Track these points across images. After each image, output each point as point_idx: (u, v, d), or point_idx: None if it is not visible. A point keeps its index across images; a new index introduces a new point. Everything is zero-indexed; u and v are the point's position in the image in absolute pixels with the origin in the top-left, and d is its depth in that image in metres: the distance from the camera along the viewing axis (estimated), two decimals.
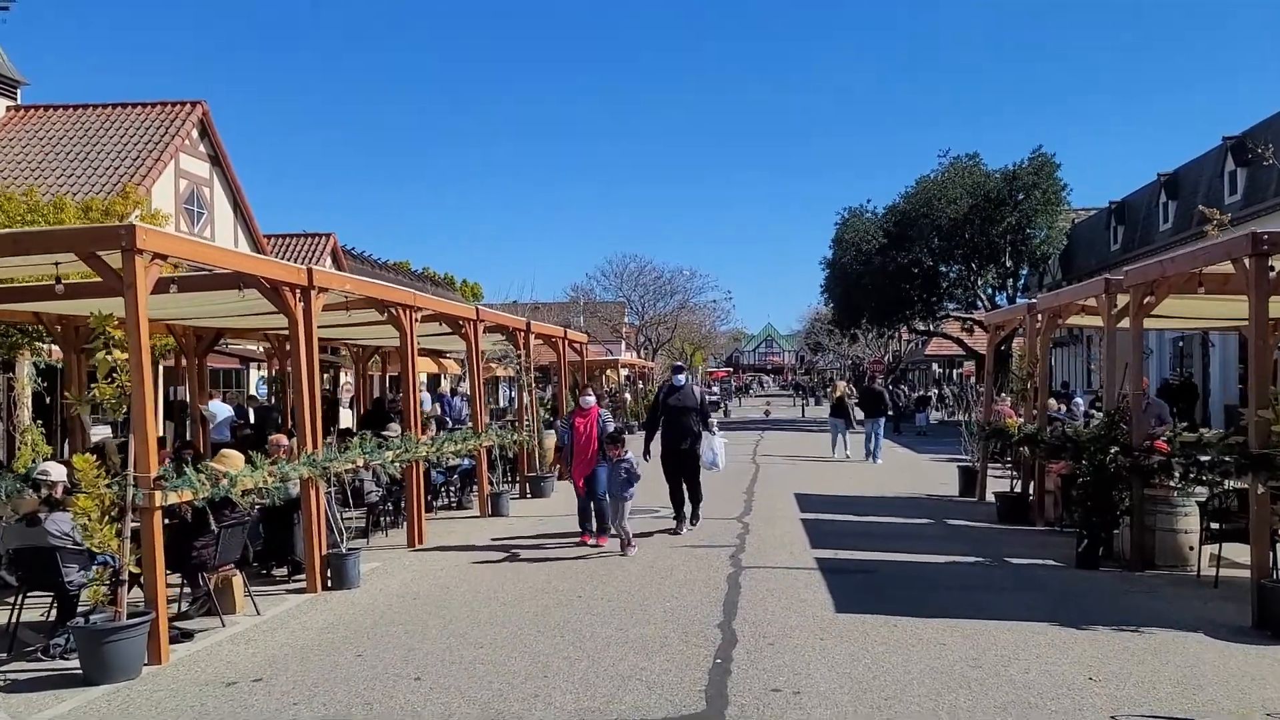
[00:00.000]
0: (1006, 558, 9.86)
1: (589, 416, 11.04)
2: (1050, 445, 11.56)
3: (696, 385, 11.63)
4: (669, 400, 11.52)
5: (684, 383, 11.71)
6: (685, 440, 11.29)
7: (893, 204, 38.79)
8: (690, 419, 11.37)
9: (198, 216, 23.06)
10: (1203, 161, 28.97)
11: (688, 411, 11.40)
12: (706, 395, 11.79)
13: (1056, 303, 11.63)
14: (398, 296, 10.66)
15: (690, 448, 11.30)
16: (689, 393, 11.66)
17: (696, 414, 11.45)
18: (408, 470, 10.86)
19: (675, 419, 11.38)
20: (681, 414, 11.37)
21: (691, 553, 10.02)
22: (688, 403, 11.45)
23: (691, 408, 11.45)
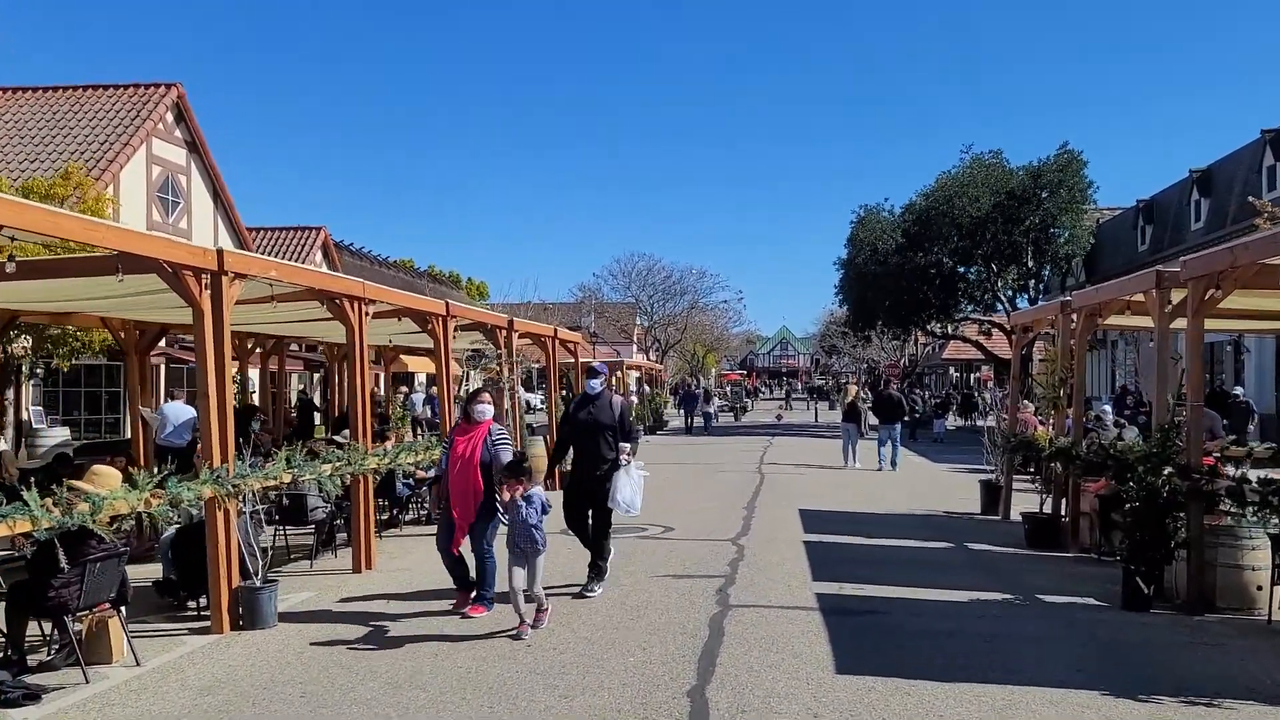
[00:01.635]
0: (1039, 594, 8.46)
1: (474, 436, 7.70)
2: (1088, 462, 10.15)
3: (617, 394, 9.02)
4: (579, 415, 8.57)
5: (599, 390, 8.59)
6: (597, 468, 8.33)
7: (911, 202, 37.29)
8: (604, 440, 8.35)
9: (172, 206, 21.89)
10: (1238, 156, 27.43)
11: (600, 430, 8.35)
12: (628, 405, 9.01)
13: (1096, 299, 10.22)
14: (342, 286, 9.36)
15: (604, 479, 8.30)
16: (605, 404, 8.51)
17: (612, 433, 8.39)
18: (355, 485, 9.57)
19: (584, 440, 8.46)
20: (591, 433, 8.39)
21: (673, 585, 8.67)
22: (601, 418, 8.39)
23: (605, 425, 8.37)
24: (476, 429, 7.74)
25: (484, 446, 7.64)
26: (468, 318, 13.10)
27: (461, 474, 7.56)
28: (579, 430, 8.52)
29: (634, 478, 8.38)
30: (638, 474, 8.46)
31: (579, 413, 8.62)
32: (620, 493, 8.26)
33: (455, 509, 7.56)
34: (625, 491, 8.29)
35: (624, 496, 8.29)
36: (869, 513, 13.81)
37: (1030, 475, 14.93)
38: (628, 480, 8.30)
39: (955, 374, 66.07)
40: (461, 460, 7.60)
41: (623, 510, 8.35)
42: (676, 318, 57.85)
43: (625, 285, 57.30)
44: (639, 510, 8.51)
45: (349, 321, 9.58)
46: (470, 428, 7.78)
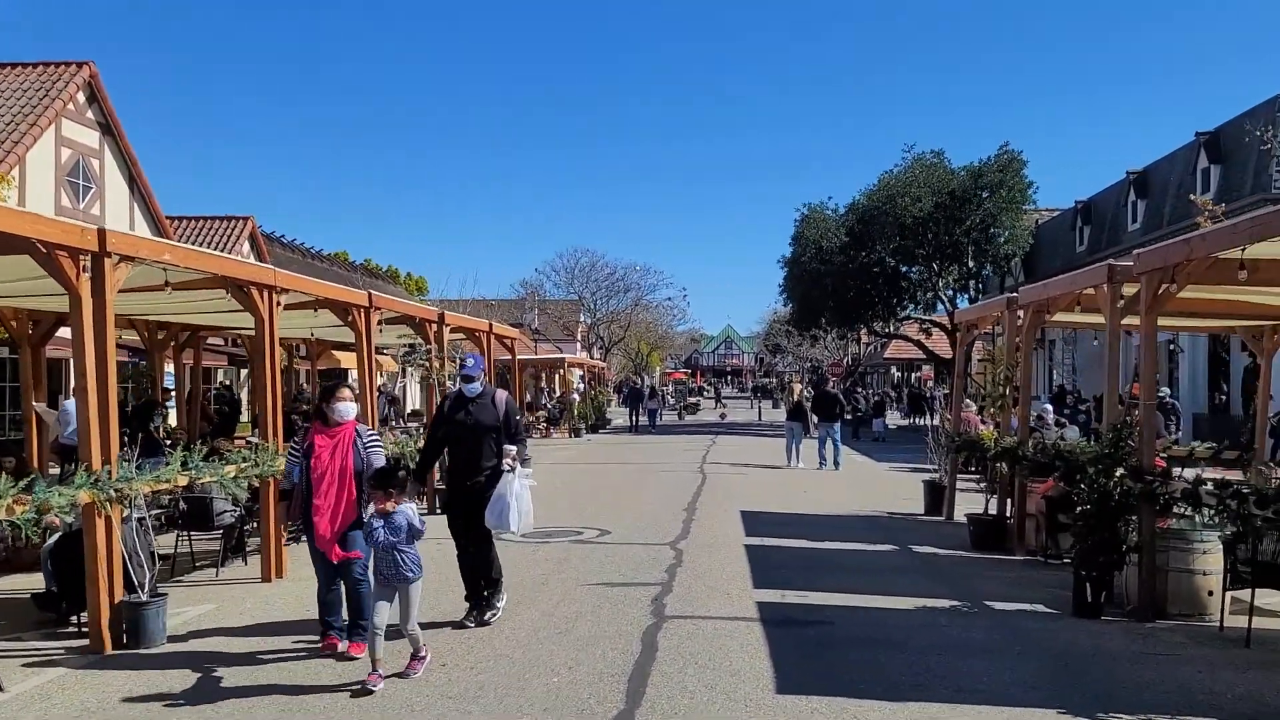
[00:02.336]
0: (987, 600, 8.10)
1: (339, 440, 6.45)
2: (1035, 462, 9.85)
3: (501, 391, 7.55)
4: (456, 415, 7.27)
5: (480, 389, 7.32)
6: (479, 476, 7.10)
7: (854, 201, 37.27)
8: (486, 445, 7.14)
9: (84, 191, 20.74)
10: (1174, 159, 27.75)
11: (484, 433, 7.14)
12: (514, 404, 7.67)
13: (1044, 295, 9.92)
14: (248, 273, 8.66)
15: (484, 490, 7.03)
16: (487, 403, 7.26)
17: (495, 436, 7.17)
18: (265, 488, 8.88)
19: (465, 444, 7.21)
20: (474, 436, 7.15)
21: (605, 595, 8.13)
22: (483, 418, 7.18)
23: (487, 426, 7.16)
24: (340, 432, 6.45)
25: (355, 452, 6.42)
26: (394, 310, 12.42)
27: (332, 487, 6.28)
28: (455, 433, 7.24)
29: (519, 489, 6.94)
30: (524, 485, 7.02)
31: (455, 413, 7.27)
32: (500, 507, 6.87)
33: (324, 529, 6.24)
34: (505, 505, 6.86)
35: (502, 512, 6.86)
36: (812, 514, 13.43)
37: (975, 475, 14.73)
38: (511, 492, 6.88)
39: (897, 373, 66.65)
40: (329, 471, 6.30)
41: (504, 529, 6.93)
42: (620, 315, 57.33)
43: (568, 281, 56.67)
44: (524, 530, 7.11)
45: (258, 311, 8.88)
46: (332, 431, 6.44)
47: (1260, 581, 6.80)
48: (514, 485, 6.94)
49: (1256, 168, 22.34)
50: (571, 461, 22.57)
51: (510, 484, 6.93)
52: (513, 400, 7.66)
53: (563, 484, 17.23)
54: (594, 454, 25.27)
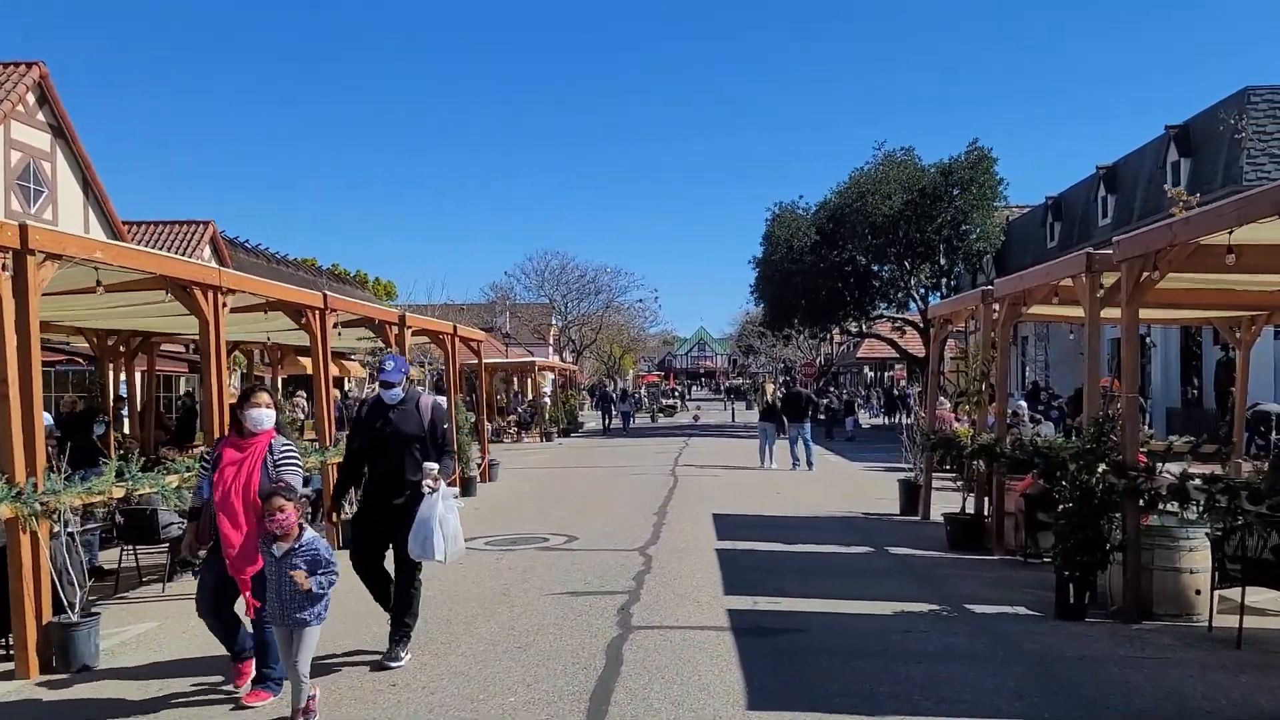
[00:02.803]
0: (967, 603, 7.80)
1: (250, 454, 5.47)
2: (1013, 459, 9.60)
3: (428, 397, 6.61)
4: (374, 424, 6.30)
5: (402, 395, 6.34)
6: (401, 495, 6.13)
7: (825, 200, 37.12)
8: (409, 458, 6.16)
9: (35, 195, 20.10)
10: (1143, 153, 27.76)
11: (406, 444, 6.18)
12: (444, 412, 6.71)
13: (1020, 286, 9.67)
14: (191, 273, 8.20)
15: (407, 509, 6.05)
16: (410, 410, 6.29)
17: (420, 447, 6.21)
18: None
19: (385, 458, 6.25)
20: (395, 448, 6.19)
21: (570, 604, 7.75)
22: (405, 427, 6.21)
23: (410, 436, 6.20)
24: (253, 444, 5.47)
25: (263, 469, 5.39)
26: (351, 312, 11.98)
27: (234, 507, 5.30)
28: (373, 444, 6.29)
29: (444, 512, 5.95)
30: (450, 506, 6.03)
31: (373, 421, 6.29)
32: (423, 533, 5.89)
33: (229, 555, 5.28)
34: (430, 531, 5.88)
35: (425, 539, 5.89)
36: (785, 516, 13.13)
37: (950, 473, 14.49)
38: (434, 515, 5.90)
39: (870, 372, 66.72)
40: (233, 488, 5.33)
41: (429, 557, 5.96)
42: (591, 317, 56.91)
43: (538, 284, 56.16)
44: (453, 557, 6.10)
45: (202, 313, 8.43)
46: (244, 443, 5.48)
47: (1250, 579, 6.55)
48: (437, 507, 5.92)
49: (1227, 160, 22.34)
50: (541, 466, 22.17)
51: (433, 506, 5.91)
52: (442, 407, 6.59)
53: (530, 489, 16.84)
54: (564, 458, 24.87)
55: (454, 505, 6.17)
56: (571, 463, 23.12)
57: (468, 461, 16.39)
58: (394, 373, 6.32)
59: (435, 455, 6.22)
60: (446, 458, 6.36)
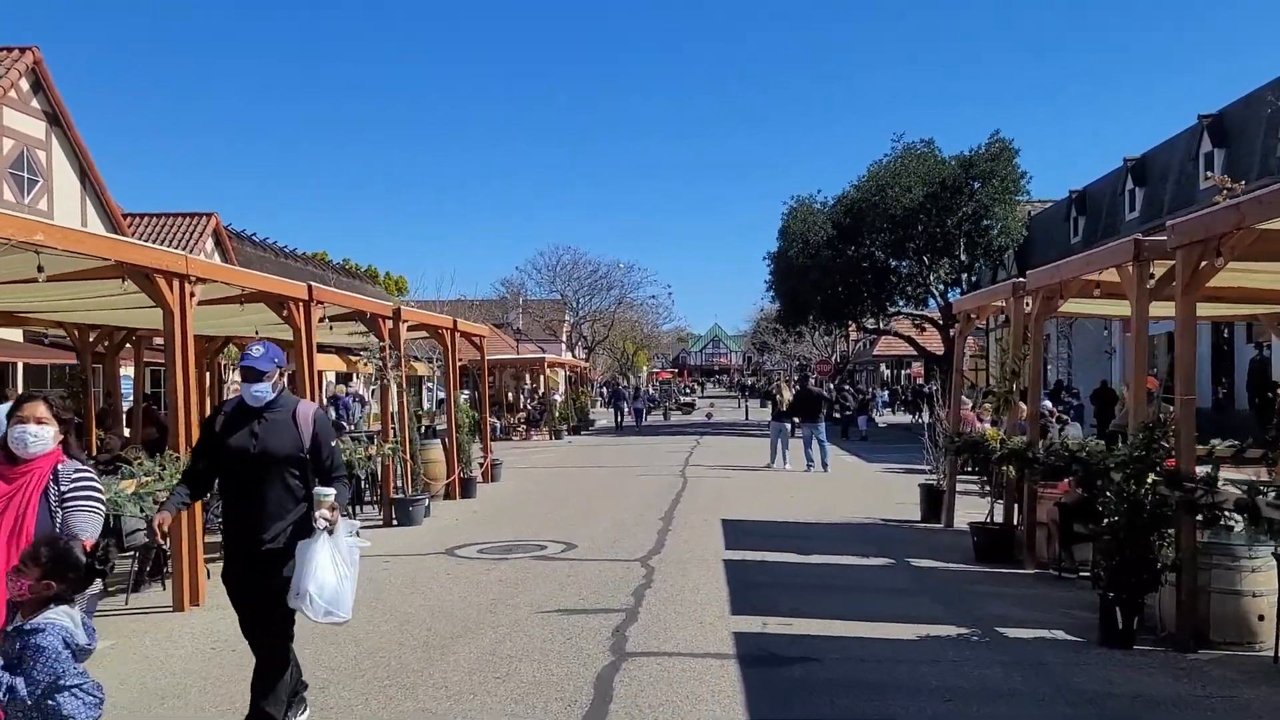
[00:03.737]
0: (1000, 626, 7.05)
1: (20, 482, 3.85)
2: (1049, 465, 8.83)
3: (307, 404, 4.83)
4: (231, 437, 4.59)
5: (273, 395, 4.62)
6: (268, 533, 4.53)
7: (843, 193, 36.25)
8: (280, 484, 4.57)
9: (29, 184, 19.53)
10: (1173, 144, 26.80)
11: (276, 466, 4.56)
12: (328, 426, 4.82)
13: (1056, 278, 8.88)
14: (151, 259, 7.54)
15: (282, 554, 4.51)
16: (286, 420, 4.62)
17: (298, 471, 4.61)
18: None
19: (248, 484, 4.59)
20: (262, 471, 4.56)
21: (560, 625, 7.04)
22: (279, 443, 4.57)
23: (282, 456, 4.56)
24: (25, 473, 3.84)
25: (41, 505, 3.80)
26: (340, 304, 11.31)
27: None
28: (233, 464, 4.53)
29: (341, 558, 4.37)
30: (351, 549, 4.45)
31: (231, 432, 4.54)
32: (311, 580, 4.28)
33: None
34: (322, 578, 4.28)
35: (317, 586, 4.28)
36: (799, 522, 12.39)
37: (973, 475, 13.72)
38: (327, 558, 4.31)
39: (887, 370, 65.76)
40: None
41: (317, 615, 4.35)
42: (603, 314, 56.18)
43: (550, 280, 55.47)
44: (342, 618, 4.43)
45: (166, 304, 7.78)
46: (14, 471, 3.85)
47: None
48: (335, 550, 4.34)
49: (1263, 149, 21.39)
50: (547, 465, 21.49)
51: (328, 546, 4.32)
52: (326, 420, 4.82)
53: (533, 490, 16.16)
54: (572, 457, 24.19)
55: (355, 551, 4.45)
56: (579, 462, 22.45)
57: (468, 462, 15.74)
58: (263, 359, 4.45)
59: (321, 481, 4.55)
60: (337, 484, 4.60)
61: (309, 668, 5.92)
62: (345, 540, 4.45)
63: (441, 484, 14.78)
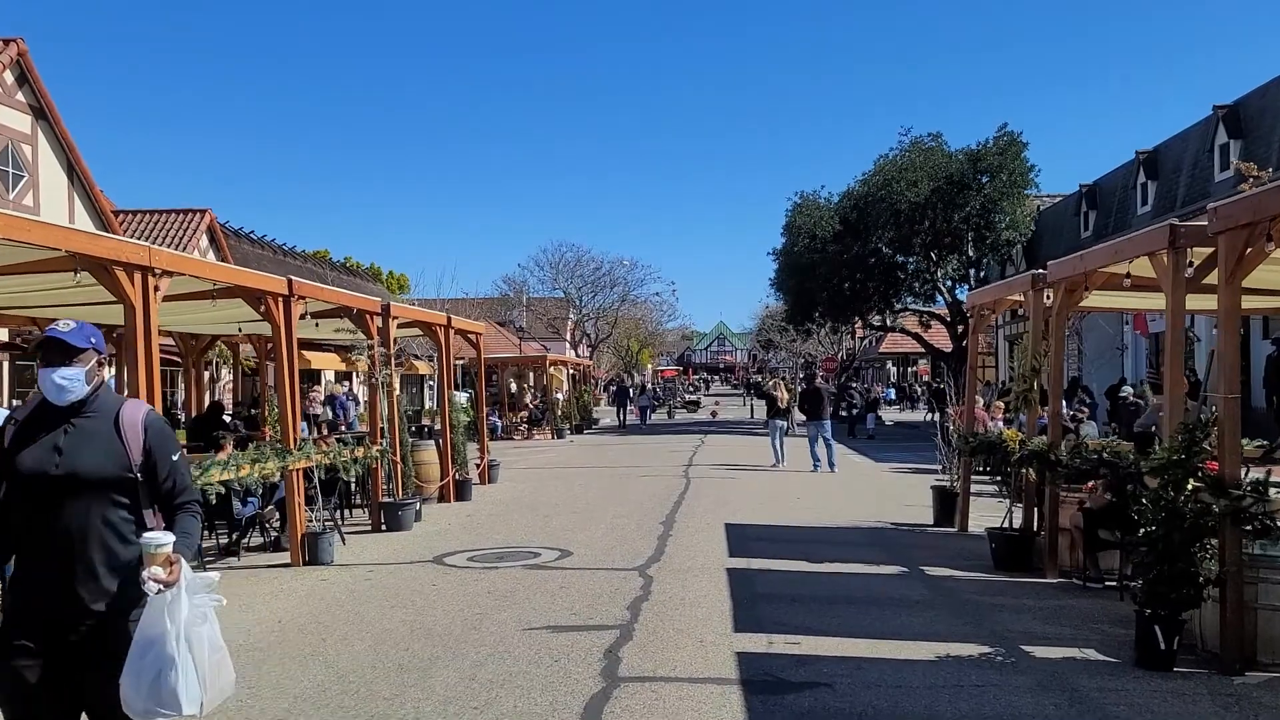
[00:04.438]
0: (1026, 644, 6.50)
1: None
2: (1074, 468, 8.27)
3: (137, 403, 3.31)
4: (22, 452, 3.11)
5: (85, 389, 3.16)
6: (86, 589, 3.04)
7: (849, 188, 35.64)
8: (101, 517, 3.09)
9: (14, 179, 19.05)
10: (1187, 136, 26.18)
11: (92, 491, 3.09)
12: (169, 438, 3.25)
13: (1080, 269, 8.32)
14: (111, 251, 7.01)
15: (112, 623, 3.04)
16: (102, 427, 3.18)
17: (127, 502, 3.14)
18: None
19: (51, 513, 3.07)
20: (70, 497, 3.07)
21: (548, 645, 6.50)
22: (91, 462, 3.10)
23: (106, 478, 3.11)
24: None
25: None
26: (323, 300, 10.78)
27: None
28: (28, 493, 3.11)
29: (193, 621, 3.02)
30: (206, 614, 3.09)
31: (24, 445, 3.14)
32: (154, 664, 2.95)
33: None
34: (167, 659, 2.95)
35: (161, 673, 2.94)
36: (806, 526, 11.84)
37: (985, 474, 13.15)
38: (174, 631, 2.97)
39: (894, 368, 65.16)
40: None
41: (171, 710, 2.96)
42: (607, 311, 55.60)
43: (553, 277, 54.88)
44: (212, 704, 3.10)
45: (128, 299, 7.26)
46: None
47: None
48: (180, 616, 2.97)
49: None
50: (547, 466, 20.96)
51: (168, 619, 2.96)
52: (162, 421, 3.30)
53: (531, 492, 15.62)
54: (574, 456, 23.66)
55: (209, 609, 3.09)
56: (580, 462, 21.92)
57: (464, 463, 15.22)
58: (74, 334, 3.14)
59: (163, 512, 3.22)
60: (186, 519, 3.22)
61: (271, 693, 5.41)
62: (188, 607, 2.98)
63: (435, 486, 14.27)
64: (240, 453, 9.21)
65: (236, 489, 9.52)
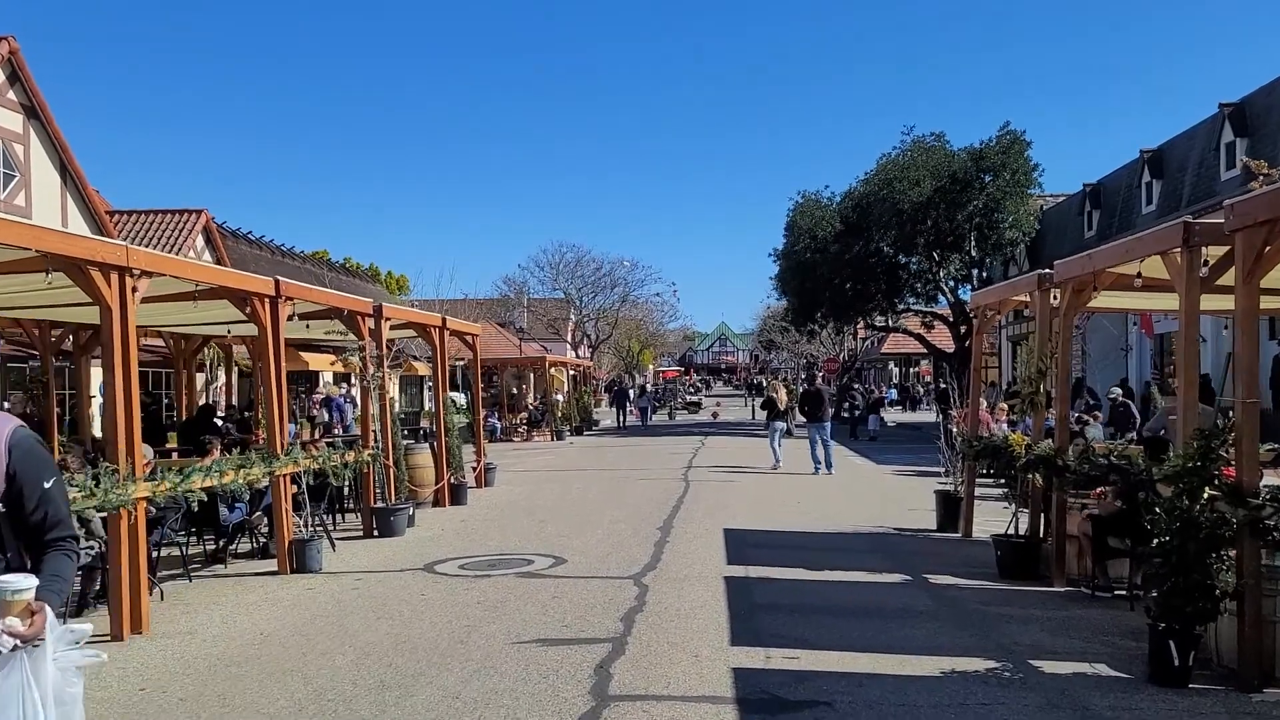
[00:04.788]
0: (1033, 659, 6.24)
1: None
2: (1082, 474, 8.01)
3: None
4: None
5: None
6: None
7: (851, 188, 35.39)
8: None
9: (5, 179, 18.83)
10: (1193, 135, 25.91)
11: None
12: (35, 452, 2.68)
13: (1088, 268, 8.06)
14: (83, 250, 6.76)
15: None
16: None
17: None
18: (113, 520, 7.04)
19: None
20: None
21: (537, 660, 6.26)
22: None
23: None
24: None
25: None
26: (312, 300, 10.53)
27: None
28: None
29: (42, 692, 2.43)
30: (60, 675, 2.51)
31: None
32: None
33: None
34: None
35: None
36: (806, 532, 11.59)
37: (989, 478, 12.89)
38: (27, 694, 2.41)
39: (895, 368, 64.89)
40: None
41: None
42: (608, 312, 55.34)
43: (553, 277, 54.62)
44: None
45: (104, 300, 7.03)
46: None
47: None
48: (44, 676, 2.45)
49: None
50: (545, 468, 20.71)
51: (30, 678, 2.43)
52: (32, 440, 2.71)
53: (527, 496, 15.37)
54: (572, 458, 23.41)
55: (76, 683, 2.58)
56: (579, 465, 21.67)
57: (459, 466, 14.98)
58: None
59: (28, 555, 2.68)
60: (57, 559, 2.68)
61: (242, 714, 5.16)
62: (52, 665, 2.48)
63: (430, 490, 14.03)
64: (225, 458, 8.97)
65: (222, 495, 9.32)
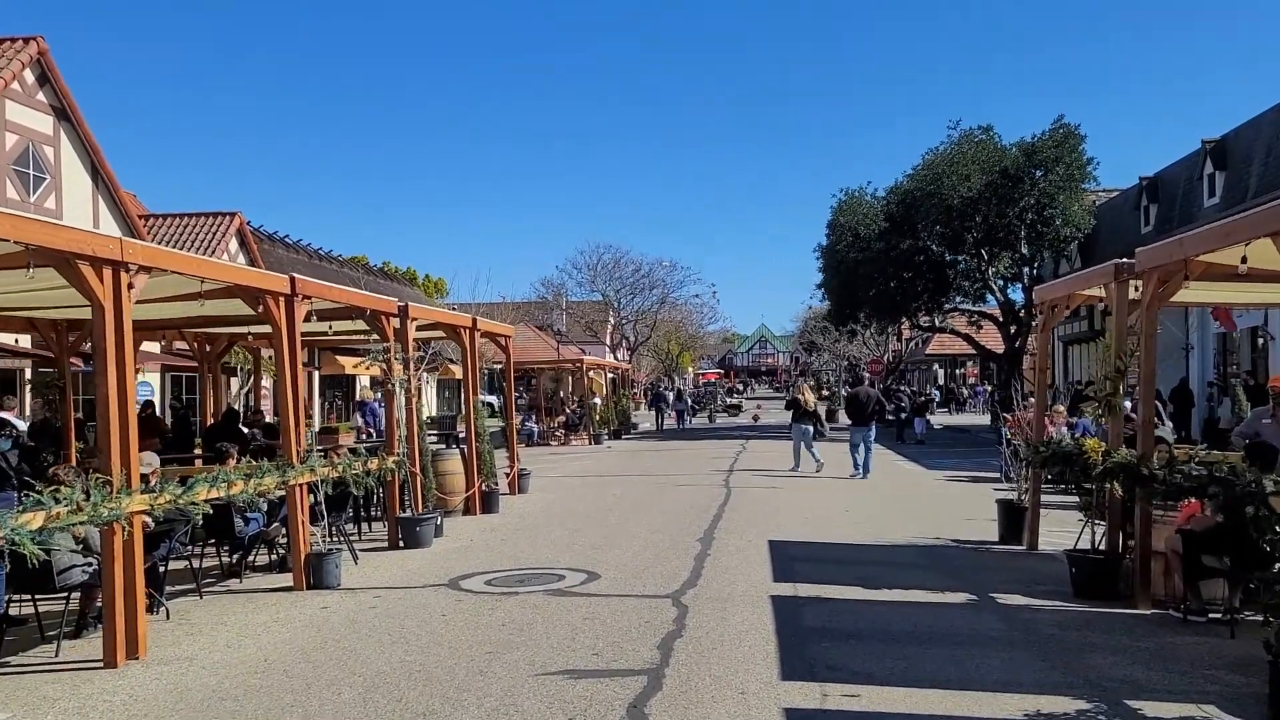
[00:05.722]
0: (1130, 699, 5.44)
1: None
2: (1172, 484, 7.17)
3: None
4: None
5: None
6: None
7: (896, 184, 34.40)
8: None
9: (36, 182, 18.60)
10: (1259, 124, 24.61)
11: None
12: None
13: (1178, 255, 7.22)
14: (75, 243, 6.21)
15: None
16: None
17: None
18: (106, 535, 6.50)
19: None
20: None
21: (562, 695, 5.58)
22: None
23: None
24: None
25: None
26: (330, 299, 9.95)
27: None
28: None
29: None
30: None
31: None
32: None
33: None
34: None
35: None
36: (857, 544, 10.81)
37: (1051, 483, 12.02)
38: None
39: (940, 370, 63.52)
40: None
41: None
42: (646, 313, 54.67)
43: (591, 279, 54.06)
44: None
45: (94, 297, 6.48)
46: None
47: None
48: None
49: None
50: (582, 474, 20.07)
51: None
52: None
53: (561, 504, 14.73)
54: (609, 464, 22.76)
55: None
56: (615, 470, 21.00)
57: (491, 473, 14.38)
58: None
59: None
60: None
61: None
62: None
63: (460, 498, 13.46)
64: (234, 466, 8.42)
65: (238, 505, 8.78)
